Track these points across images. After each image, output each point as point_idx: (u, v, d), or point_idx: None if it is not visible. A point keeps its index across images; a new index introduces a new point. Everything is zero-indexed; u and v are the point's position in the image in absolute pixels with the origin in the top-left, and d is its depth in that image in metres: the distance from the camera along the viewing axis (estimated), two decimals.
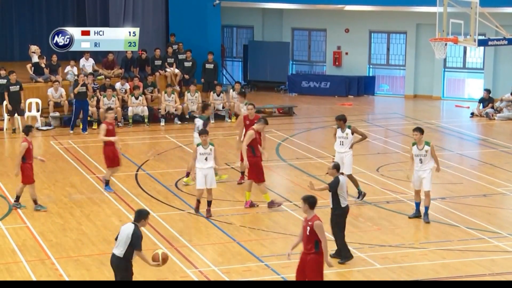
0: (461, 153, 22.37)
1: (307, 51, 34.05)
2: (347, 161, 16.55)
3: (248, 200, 16.53)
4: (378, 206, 16.73)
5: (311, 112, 28.59)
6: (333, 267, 11.83)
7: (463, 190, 18.13)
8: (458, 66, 31.50)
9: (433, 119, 27.50)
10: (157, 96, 27.07)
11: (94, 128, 25.12)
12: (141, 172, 19.65)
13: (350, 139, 16.55)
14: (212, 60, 28.89)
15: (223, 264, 13.47)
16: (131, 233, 10.80)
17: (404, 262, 13.64)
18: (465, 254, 14.04)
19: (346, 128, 16.54)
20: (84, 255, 13.95)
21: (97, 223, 15.75)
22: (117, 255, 10.91)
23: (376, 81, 32.73)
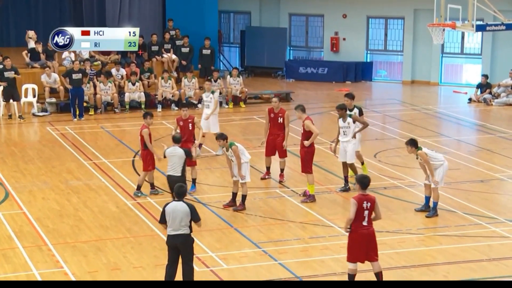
0: (459, 139, 22.36)
1: (305, 36, 33.97)
2: (349, 150, 16.51)
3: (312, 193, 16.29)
4: (376, 192, 16.73)
5: (309, 98, 28.54)
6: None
7: (461, 175, 18.14)
8: (456, 52, 31.46)
9: (431, 105, 27.49)
10: (154, 82, 27.01)
11: (90, 114, 25.10)
12: (138, 158, 19.60)
13: (352, 128, 16.49)
14: (209, 46, 28.81)
15: (220, 250, 13.48)
16: (188, 210, 11.25)
17: (401, 248, 13.66)
18: (462, 240, 14.06)
19: (347, 118, 16.48)
20: (81, 241, 13.95)
21: (94, 209, 15.74)
22: (185, 233, 11.27)
23: (374, 66, 32.70)
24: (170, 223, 11.33)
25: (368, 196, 11.42)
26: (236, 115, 25.86)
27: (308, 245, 13.80)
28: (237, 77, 27.06)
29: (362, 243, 11.40)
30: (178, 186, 11.58)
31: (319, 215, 15.32)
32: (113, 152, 20.34)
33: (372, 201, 11.39)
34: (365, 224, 11.37)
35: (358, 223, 11.35)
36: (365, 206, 11.35)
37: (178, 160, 14.53)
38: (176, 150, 14.60)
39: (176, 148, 14.62)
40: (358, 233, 11.37)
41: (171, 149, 14.71)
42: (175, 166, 14.55)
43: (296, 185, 16.89)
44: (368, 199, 11.38)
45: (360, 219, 11.34)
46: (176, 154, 14.60)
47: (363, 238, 11.39)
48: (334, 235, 14.02)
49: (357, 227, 11.36)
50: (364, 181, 11.45)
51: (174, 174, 14.60)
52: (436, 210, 15.25)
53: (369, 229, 11.42)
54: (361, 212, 11.33)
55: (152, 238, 14.06)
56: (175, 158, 14.59)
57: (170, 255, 11.48)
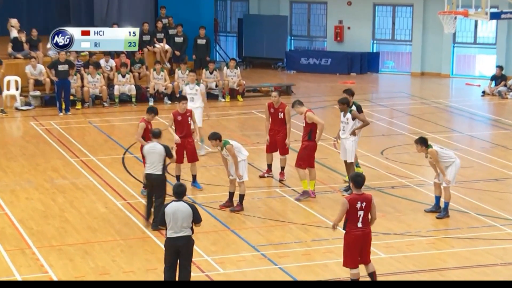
0: (472, 134, 22.38)
1: (307, 25, 33.97)
2: (348, 148, 16.48)
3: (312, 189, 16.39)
4: (382, 192, 16.75)
5: (311, 91, 28.54)
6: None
7: (474, 174, 18.15)
8: (469, 42, 31.47)
9: (442, 98, 27.50)
10: (146, 74, 27.00)
11: (77, 108, 25.10)
12: (128, 156, 19.63)
13: (351, 125, 16.43)
14: (204, 35, 28.80)
15: (216, 253, 13.49)
16: (190, 211, 11.33)
17: (410, 251, 13.67)
18: (475, 243, 14.07)
19: (347, 113, 16.47)
20: (67, 244, 13.95)
21: (81, 210, 15.74)
22: (187, 235, 11.36)
23: (381, 57, 32.71)
24: (171, 225, 11.33)
25: (363, 195, 11.41)
26: (233, 109, 25.86)
27: (310, 248, 13.82)
28: (235, 69, 27.07)
29: (356, 245, 11.42)
30: (177, 185, 11.58)
31: (322, 216, 15.33)
32: (101, 149, 20.34)
33: (368, 200, 11.39)
34: (360, 225, 11.38)
35: (352, 224, 11.37)
36: (359, 206, 11.34)
37: (157, 157, 14.45)
38: (156, 147, 14.52)
39: (156, 145, 14.55)
40: (352, 235, 11.39)
41: (151, 146, 14.61)
42: (155, 164, 14.46)
43: (298, 185, 16.87)
44: (363, 199, 11.37)
45: (354, 220, 11.35)
46: (156, 151, 14.51)
47: (358, 240, 11.40)
48: (338, 238, 13.98)
49: (351, 228, 11.38)
50: (357, 179, 11.44)
51: (154, 172, 14.48)
52: (447, 211, 15.26)
53: (365, 230, 11.44)
54: (354, 213, 11.33)
55: (143, 241, 14.07)
56: (155, 155, 14.49)
57: (168, 258, 11.47)
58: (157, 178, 14.44)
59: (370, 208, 11.41)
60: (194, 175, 16.94)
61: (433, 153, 14.88)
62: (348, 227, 11.42)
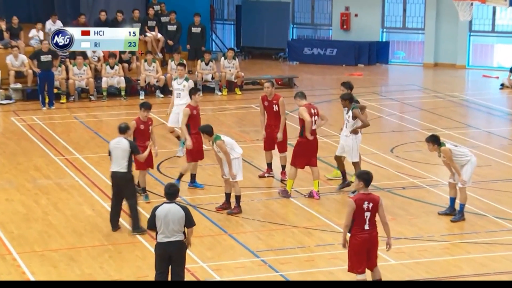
0: (489, 130, 22.37)
1: (310, 12, 33.97)
2: (348, 147, 16.45)
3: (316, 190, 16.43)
4: (393, 193, 16.74)
5: (315, 83, 28.53)
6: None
7: (492, 173, 18.14)
8: (486, 30, 31.48)
9: (457, 92, 27.50)
10: (136, 65, 26.98)
11: (62, 102, 25.08)
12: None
13: (352, 123, 16.41)
14: (199, 23, 28.79)
15: (212, 259, 13.47)
16: (183, 214, 11.31)
17: (422, 257, 13.66)
18: (493, 248, 14.06)
19: (350, 110, 16.43)
20: (51, 250, 13.93)
21: (67, 213, 15.73)
22: (179, 240, 11.35)
23: (390, 47, 32.73)
24: (162, 229, 11.31)
25: (370, 195, 11.40)
26: (230, 103, 25.85)
27: (314, 254, 13.80)
28: (232, 60, 27.05)
29: (363, 249, 11.40)
30: (169, 185, 11.55)
31: (326, 219, 15.31)
32: (88, 146, 20.33)
33: (375, 201, 11.37)
34: (366, 228, 11.37)
35: (358, 226, 11.36)
36: (366, 207, 11.33)
37: (121, 153, 14.37)
38: (121, 142, 14.49)
39: (121, 140, 14.51)
40: (358, 238, 11.37)
41: (116, 141, 14.57)
42: (119, 160, 14.40)
43: (301, 184, 16.87)
44: (370, 199, 11.36)
45: (361, 222, 11.34)
46: (120, 147, 14.46)
47: (364, 243, 11.39)
48: None
49: (357, 231, 11.37)
50: (365, 177, 11.42)
51: (119, 170, 14.42)
52: (463, 214, 15.24)
53: (372, 233, 11.43)
54: (361, 214, 11.31)
55: (134, 246, 14.05)
56: (118, 151, 14.43)
57: (159, 265, 11.46)
58: (122, 176, 14.42)
59: (377, 209, 11.39)
60: (194, 174, 16.90)
61: (446, 151, 14.85)
62: (354, 230, 11.41)
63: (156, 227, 11.36)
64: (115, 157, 14.48)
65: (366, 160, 18.55)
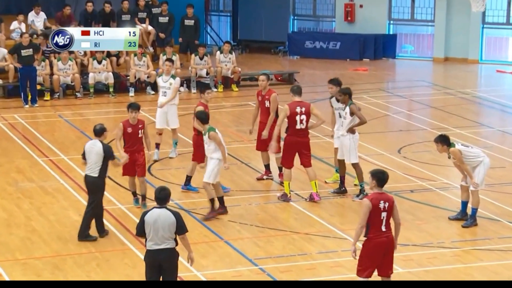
0: (503, 130, 22.42)
1: (312, 3, 34.02)
2: (346, 147, 16.48)
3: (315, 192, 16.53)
4: (400, 196, 16.79)
5: (317, 79, 28.57)
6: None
7: (506, 175, 18.18)
8: (500, 22, 31.54)
9: (469, 88, 27.53)
10: (125, 60, 27.02)
11: (46, 100, 25.10)
12: None
13: (349, 120, 16.45)
14: (192, 15, 28.83)
15: (207, 268, 13.51)
16: (173, 220, 11.30)
17: (431, 265, 13.70)
18: (507, 255, 14.10)
19: (347, 106, 16.49)
20: (34, 258, 13.95)
21: (51, 218, 15.75)
22: (170, 247, 11.37)
23: (398, 40, 32.79)
24: (152, 235, 11.35)
25: (384, 194, 11.45)
26: (227, 100, 25.89)
27: (316, 261, 13.84)
28: (229, 54, 27.11)
29: (379, 253, 11.42)
30: (159, 189, 11.57)
31: (329, 224, 15.36)
32: (74, 147, 20.35)
33: (390, 200, 11.43)
34: (384, 229, 11.39)
35: (375, 228, 11.36)
36: (382, 206, 11.37)
37: (95, 157, 14.46)
38: (95, 145, 14.54)
39: (96, 143, 14.57)
40: (376, 242, 11.36)
41: (90, 144, 14.64)
42: (92, 165, 14.47)
43: (301, 187, 16.92)
44: (385, 198, 11.40)
45: (377, 223, 11.34)
46: (93, 150, 14.53)
47: (381, 247, 11.40)
48: (348, 250, 13.98)
49: (375, 234, 11.37)
50: (381, 176, 11.46)
51: (90, 174, 14.53)
52: (475, 219, 15.28)
53: (389, 236, 11.46)
54: (378, 215, 11.33)
55: (123, 254, 14.09)
56: (92, 155, 14.52)
57: (149, 274, 11.50)
58: (92, 181, 14.53)
59: (393, 209, 11.43)
60: (189, 176, 16.92)
61: (455, 153, 14.88)
62: (371, 232, 11.37)
63: (145, 233, 11.39)
64: (89, 161, 14.57)
65: (371, 161, 18.64)
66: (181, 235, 11.39)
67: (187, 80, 26.83)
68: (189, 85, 26.78)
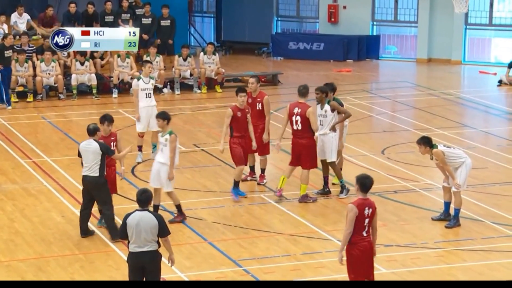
0: (486, 130, 22.48)
1: (296, 4, 34.03)
2: (328, 146, 16.50)
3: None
4: (384, 197, 16.82)
5: (301, 80, 28.44)
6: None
7: (489, 176, 18.24)
8: (483, 23, 31.61)
9: (452, 89, 27.60)
10: (109, 61, 26.95)
11: (29, 101, 25.02)
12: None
13: (330, 117, 16.46)
14: (168, 15, 28.76)
15: (191, 269, 13.50)
16: (156, 222, 11.27)
17: (415, 265, 13.73)
18: (491, 256, 14.15)
19: (325, 104, 16.50)
20: (17, 260, 13.91)
21: (34, 220, 15.71)
22: (153, 250, 11.34)
23: (381, 41, 32.83)
24: (134, 238, 11.33)
25: (368, 200, 11.47)
26: (210, 101, 25.86)
27: (300, 262, 13.85)
28: (212, 55, 27.08)
29: (364, 258, 11.45)
30: (141, 191, 11.55)
31: (313, 225, 15.37)
32: (57, 148, 20.30)
33: (373, 207, 11.45)
34: (365, 235, 11.43)
35: (358, 234, 11.39)
36: (367, 213, 11.40)
37: (92, 156, 14.40)
38: (91, 145, 14.49)
39: (91, 142, 14.52)
40: (360, 247, 11.41)
41: (85, 144, 14.55)
42: (90, 164, 14.41)
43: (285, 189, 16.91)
44: (369, 205, 11.43)
45: (360, 229, 11.38)
46: (89, 150, 14.47)
47: (365, 252, 11.44)
48: (332, 250, 14.07)
49: (358, 239, 11.40)
50: (364, 182, 11.47)
51: (89, 174, 14.44)
52: (458, 219, 15.33)
53: (369, 241, 11.49)
54: (362, 221, 11.36)
55: (107, 255, 14.06)
56: (89, 155, 14.46)
57: (132, 276, 11.49)
58: (93, 181, 14.45)
59: (374, 216, 11.46)
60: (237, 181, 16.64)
61: (438, 154, 14.93)
62: (354, 237, 11.41)
63: (128, 236, 11.38)
64: (86, 161, 14.51)
65: (355, 162, 18.67)
66: (163, 237, 11.38)
67: (170, 81, 26.79)
68: (172, 86, 26.73)
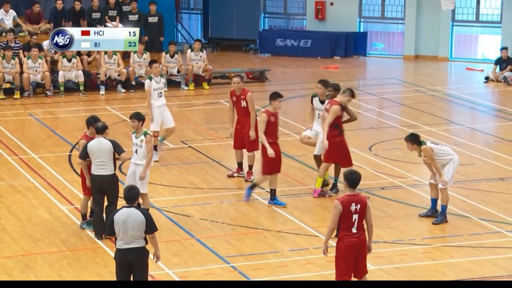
0: (473, 127, 22.53)
1: (283, 1, 34.02)
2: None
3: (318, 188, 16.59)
4: (371, 193, 16.84)
5: (288, 77, 28.58)
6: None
7: (476, 173, 18.28)
8: (470, 20, 31.67)
9: (439, 85, 27.66)
10: (95, 58, 26.90)
11: (16, 98, 24.96)
12: (75, 153, 19.50)
13: None
14: (155, 12, 28.73)
15: (179, 266, 13.49)
16: (143, 219, 11.24)
17: (402, 262, 13.75)
18: (478, 252, 14.18)
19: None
20: (4, 257, 13.88)
21: (21, 217, 15.67)
22: (140, 247, 11.32)
23: (368, 38, 32.85)
24: (121, 235, 11.32)
25: (357, 196, 11.47)
26: (198, 98, 25.85)
27: (288, 259, 13.86)
28: (199, 52, 27.05)
29: (352, 254, 11.47)
30: (128, 188, 11.54)
31: (301, 222, 15.37)
32: (44, 145, 20.27)
33: (363, 202, 11.46)
34: (355, 231, 11.44)
35: (347, 230, 11.42)
36: (354, 209, 11.40)
37: (106, 155, 14.25)
38: (103, 143, 14.29)
39: (102, 140, 14.34)
40: (346, 242, 11.43)
41: (96, 142, 14.29)
42: (104, 163, 14.23)
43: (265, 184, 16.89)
44: (357, 200, 11.43)
45: (348, 225, 11.40)
46: (102, 148, 14.31)
47: (353, 248, 11.45)
48: (319, 247, 14.03)
49: (345, 235, 11.42)
50: (352, 177, 11.48)
51: (105, 174, 14.28)
52: (445, 215, 15.36)
53: (360, 236, 11.50)
54: (349, 217, 11.37)
55: (94, 252, 14.04)
56: (102, 153, 14.30)
57: (120, 273, 11.47)
58: (109, 180, 14.36)
59: (365, 211, 11.46)
60: (273, 190, 16.28)
61: (427, 150, 14.95)
62: (342, 234, 11.44)
63: (115, 233, 11.36)
64: (98, 160, 14.27)
65: None
66: (150, 234, 11.37)
67: None
68: None
